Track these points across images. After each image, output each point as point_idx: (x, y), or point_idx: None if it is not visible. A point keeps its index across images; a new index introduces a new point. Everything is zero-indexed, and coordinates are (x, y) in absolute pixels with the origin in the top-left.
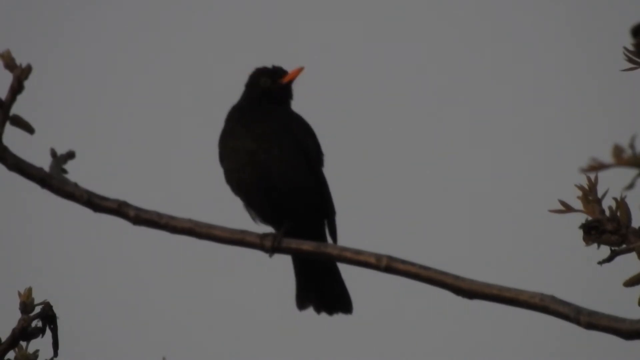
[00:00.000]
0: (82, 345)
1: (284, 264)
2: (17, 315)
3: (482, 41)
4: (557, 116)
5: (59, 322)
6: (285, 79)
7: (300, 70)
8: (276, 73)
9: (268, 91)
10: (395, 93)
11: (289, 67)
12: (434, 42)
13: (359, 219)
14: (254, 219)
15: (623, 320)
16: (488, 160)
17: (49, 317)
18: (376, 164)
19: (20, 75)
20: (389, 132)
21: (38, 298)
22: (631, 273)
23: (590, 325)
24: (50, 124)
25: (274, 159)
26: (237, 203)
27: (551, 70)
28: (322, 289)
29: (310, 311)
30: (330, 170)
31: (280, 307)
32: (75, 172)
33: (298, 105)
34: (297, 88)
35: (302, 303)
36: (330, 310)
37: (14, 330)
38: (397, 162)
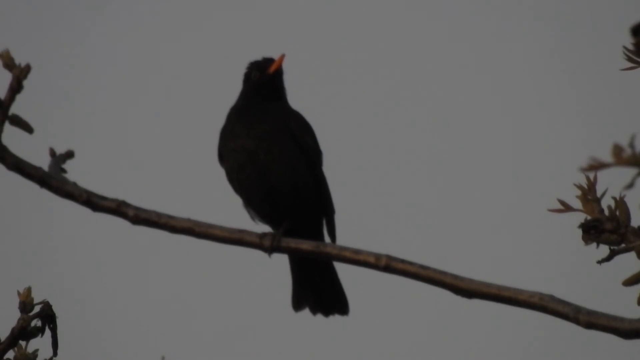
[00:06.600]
0: (82, 345)
1: (282, 263)
2: (17, 314)
3: (482, 40)
4: (556, 115)
5: (58, 322)
6: (271, 69)
7: (282, 57)
8: (265, 64)
9: (258, 84)
10: (395, 92)
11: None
12: (435, 41)
13: (358, 219)
14: (253, 218)
15: (622, 319)
16: (487, 160)
17: (48, 316)
18: (376, 164)
19: (20, 75)
20: (389, 131)
21: (37, 297)
22: (630, 272)
23: (589, 325)
24: (49, 123)
25: (274, 159)
26: (237, 202)
27: (551, 70)
28: (318, 290)
29: (306, 312)
30: (330, 169)
31: (277, 308)
32: (74, 172)
33: (299, 104)
34: (296, 86)
35: (298, 304)
36: (327, 312)
37: (13, 330)
38: (397, 162)
